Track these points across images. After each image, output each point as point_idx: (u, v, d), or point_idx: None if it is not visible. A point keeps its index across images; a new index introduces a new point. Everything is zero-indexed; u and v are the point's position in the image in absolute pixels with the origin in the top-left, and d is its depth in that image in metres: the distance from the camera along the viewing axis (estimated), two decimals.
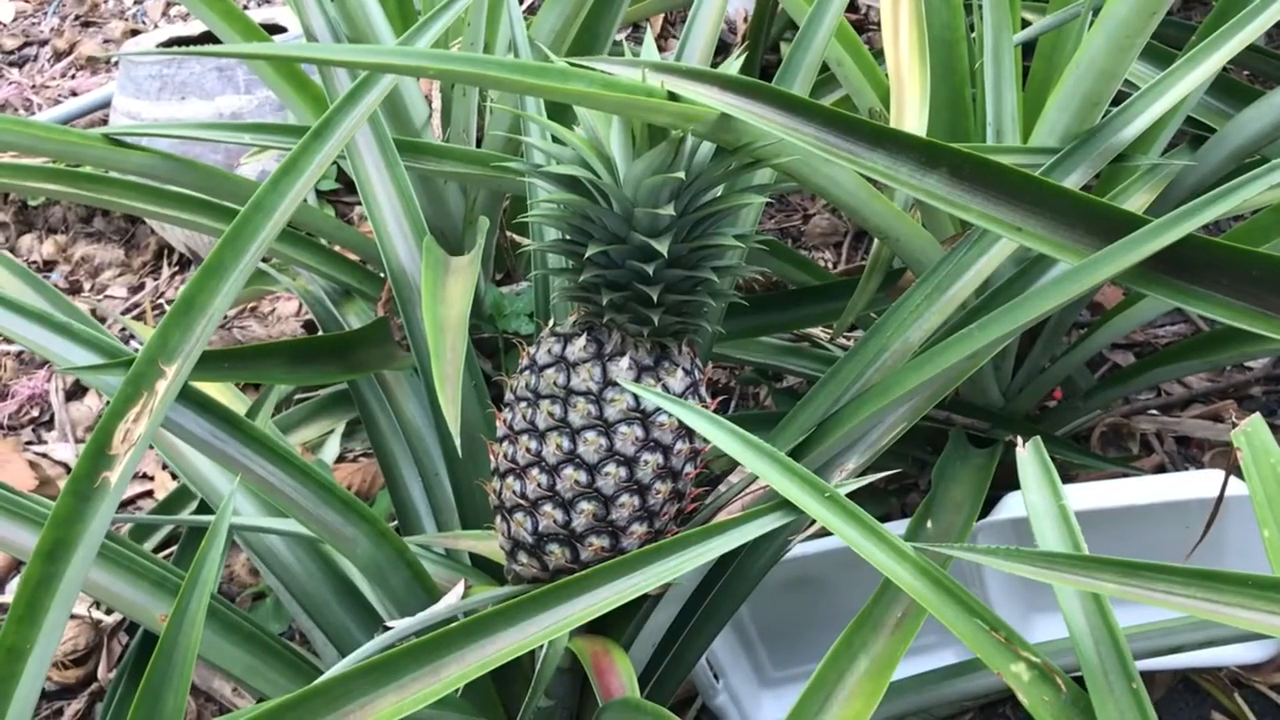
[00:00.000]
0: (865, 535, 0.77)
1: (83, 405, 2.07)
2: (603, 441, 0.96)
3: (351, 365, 1.29)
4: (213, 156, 2.12)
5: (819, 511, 0.79)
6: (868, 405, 0.95)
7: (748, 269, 1.01)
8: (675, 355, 1.00)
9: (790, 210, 2.26)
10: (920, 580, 0.76)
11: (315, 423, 1.76)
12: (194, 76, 2.14)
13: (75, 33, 3.08)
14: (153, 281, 2.33)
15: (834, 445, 0.99)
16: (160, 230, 2.37)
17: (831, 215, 2.18)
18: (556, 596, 0.79)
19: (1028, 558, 0.72)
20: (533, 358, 1.01)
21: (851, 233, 2.16)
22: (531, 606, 0.78)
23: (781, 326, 1.49)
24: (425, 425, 1.41)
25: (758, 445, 0.83)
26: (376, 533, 0.99)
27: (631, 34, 2.71)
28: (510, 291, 1.65)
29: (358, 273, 1.63)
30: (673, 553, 0.81)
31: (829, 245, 2.15)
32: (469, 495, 1.18)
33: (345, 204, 2.36)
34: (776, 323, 1.46)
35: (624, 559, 0.81)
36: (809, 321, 1.46)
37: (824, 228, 2.16)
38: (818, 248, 2.15)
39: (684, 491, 1.03)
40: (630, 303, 0.96)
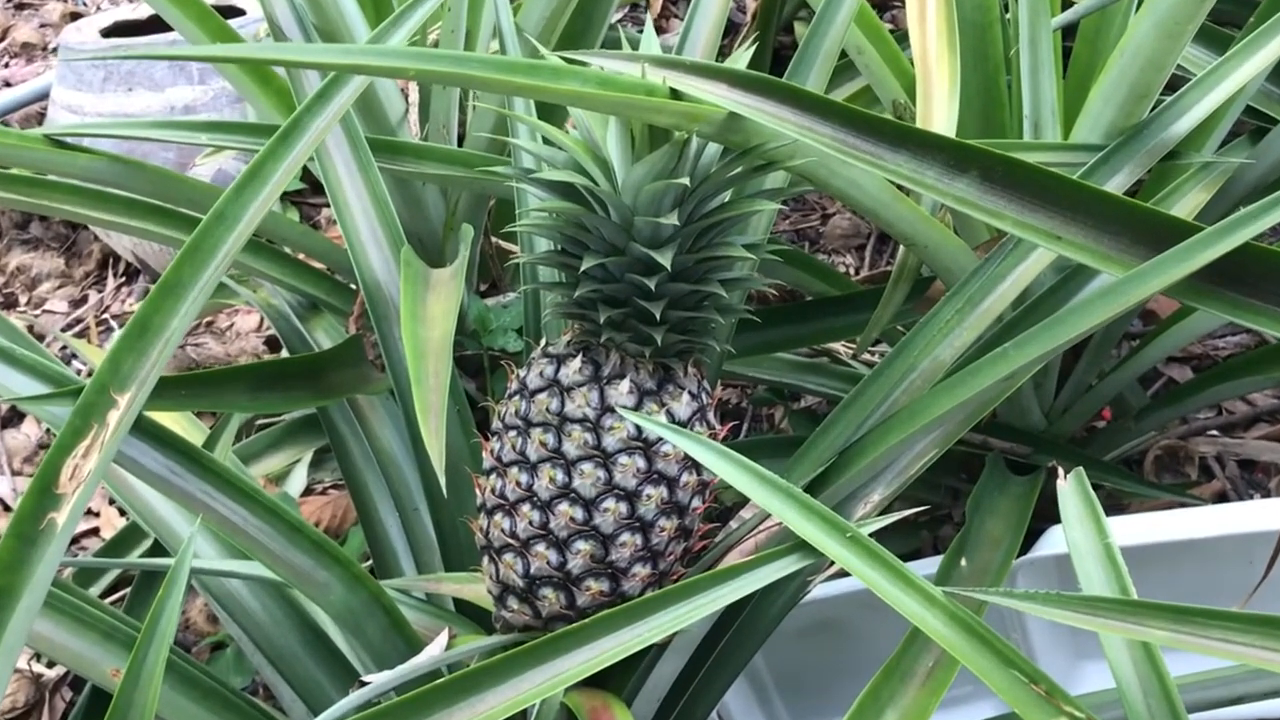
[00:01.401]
0: (891, 579, 0.79)
1: (19, 433, 2.09)
2: (601, 474, 0.98)
3: (322, 390, 1.31)
4: (163, 155, 2.15)
5: (840, 554, 0.80)
6: (894, 432, 0.96)
7: (760, 281, 1.03)
8: (680, 377, 1.02)
9: (807, 209, 2.28)
10: (951, 628, 0.77)
11: (279, 451, 1.77)
12: (142, 66, 2.16)
13: (8, 16, 3.11)
14: (96, 294, 2.35)
15: (857, 476, 1.00)
16: (105, 237, 2.39)
17: (853, 215, 2.20)
18: (552, 649, 0.80)
19: (1068, 603, 0.74)
20: (523, 381, 1.03)
21: (875, 234, 2.17)
22: (524, 660, 0.80)
23: (798, 341, 1.50)
24: (403, 454, 1.42)
25: (772, 481, 0.84)
26: (350, 576, 1.01)
27: (630, 13, 2.74)
28: (496, 303, 1.66)
29: (326, 284, 1.64)
30: (679, 600, 0.82)
31: (850, 248, 2.17)
32: (452, 533, 1.20)
33: (311, 206, 2.38)
34: (793, 337, 1.47)
35: (626, 607, 0.83)
36: (829, 336, 1.47)
37: (845, 229, 2.18)
38: (838, 251, 2.17)
39: (691, 528, 1.04)
40: (630, 320, 0.98)
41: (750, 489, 0.83)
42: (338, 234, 2.18)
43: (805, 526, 0.82)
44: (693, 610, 0.81)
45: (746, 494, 0.83)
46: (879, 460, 1.00)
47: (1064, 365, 1.43)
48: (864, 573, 0.80)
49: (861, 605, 1.26)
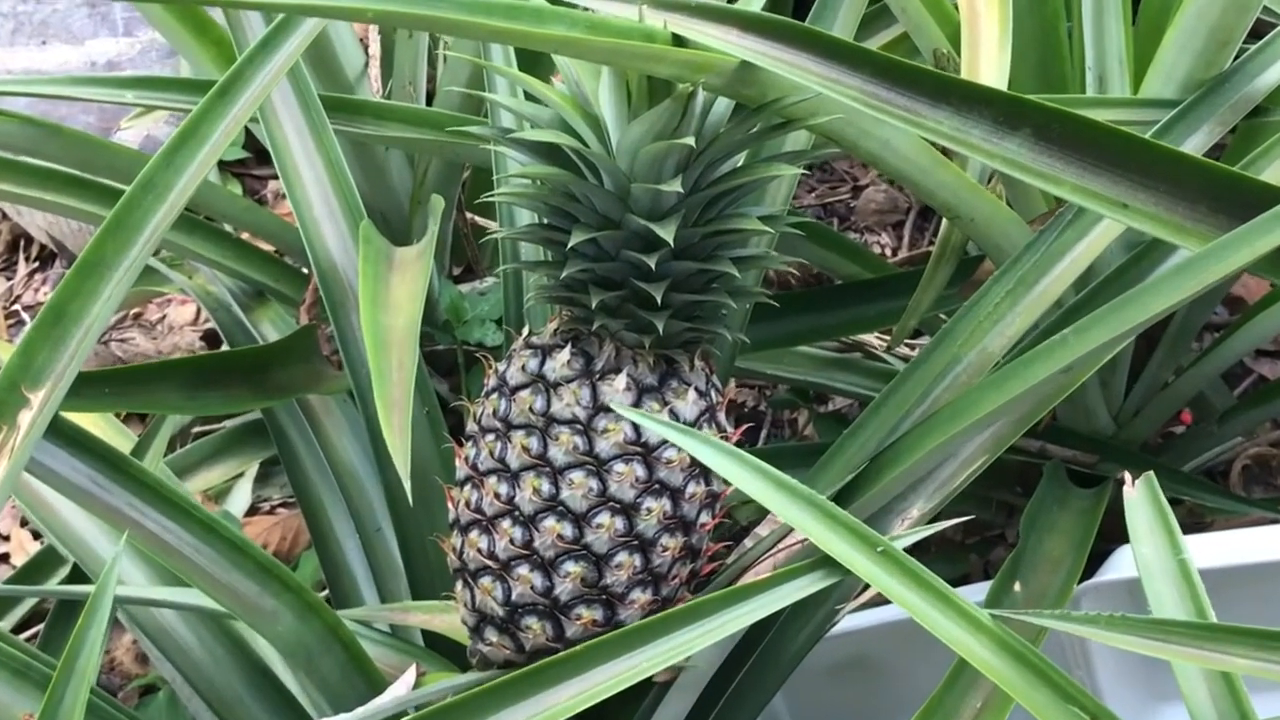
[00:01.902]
0: (930, 601, 0.79)
1: None
2: (593, 484, 0.98)
3: (268, 389, 1.32)
4: (83, 119, 2.16)
5: (870, 571, 0.81)
6: (936, 433, 0.97)
7: (779, 259, 1.03)
8: (685, 371, 1.02)
9: (835, 180, 2.29)
10: (1001, 657, 0.78)
11: (219, 464, 1.78)
12: (57, 15, 2.17)
13: None
14: (4, 281, 2.36)
15: (892, 485, 1.01)
16: (15, 215, 2.40)
17: (889, 186, 2.21)
18: (533, 682, 0.81)
19: (1135, 627, 0.74)
20: (502, 376, 1.04)
21: (916, 208, 2.18)
22: (503, 694, 0.80)
23: (825, 332, 1.51)
24: (364, 465, 1.43)
25: (791, 487, 0.85)
26: (302, 604, 1.02)
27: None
28: (472, 290, 1.68)
29: (273, 268, 1.65)
30: (685, 624, 0.83)
31: (886, 226, 2.17)
32: (421, 555, 1.20)
33: (256, 178, 2.39)
34: (818, 327, 1.48)
35: (623, 632, 0.83)
36: (860, 326, 1.48)
37: (880, 203, 2.19)
38: (872, 229, 2.17)
39: (698, 548, 1.05)
40: (627, 305, 0.98)
41: (766, 496, 0.83)
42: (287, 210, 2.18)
43: (830, 539, 0.83)
44: (699, 636, 0.81)
45: (761, 501, 0.83)
46: (917, 467, 1.00)
47: (1135, 360, 1.43)
48: (898, 593, 0.80)
49: (899, 638, 1.27)
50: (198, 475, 1.74)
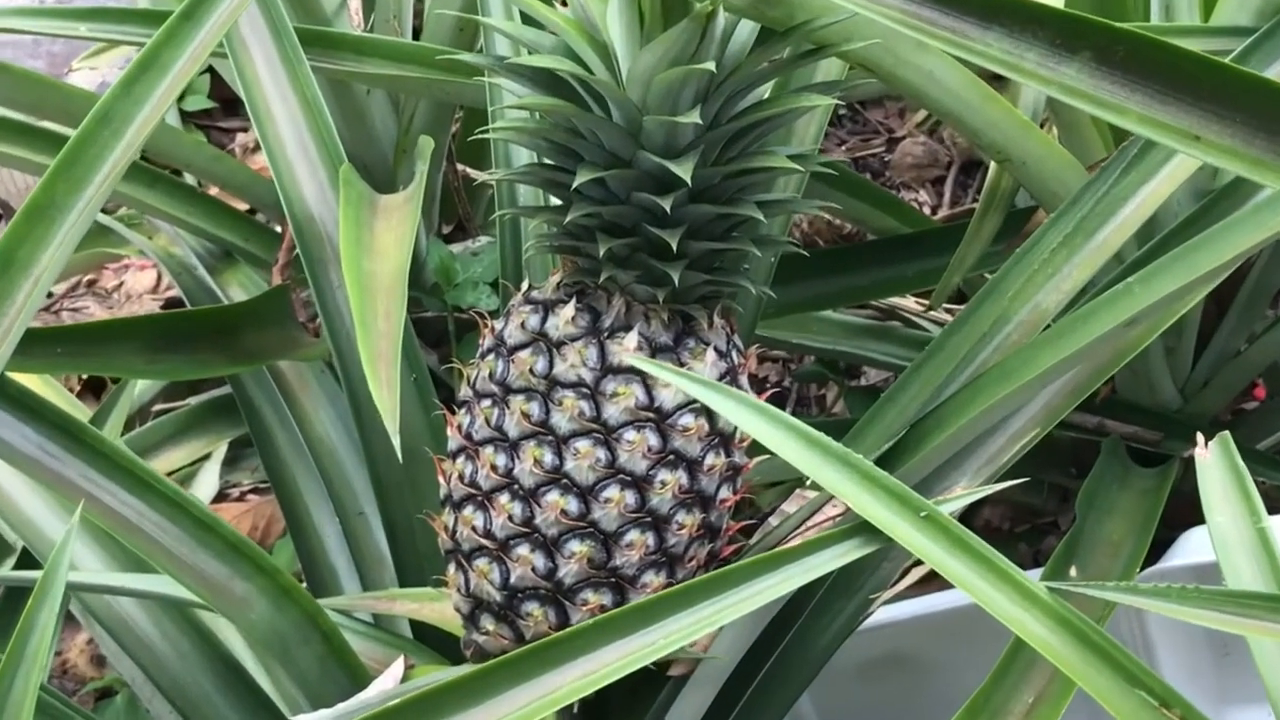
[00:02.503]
0: (979, 571, 0.79)
1: None
2: (600, 454, 0.98)
3: (238, 354, 1.32)
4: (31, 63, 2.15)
5: (912, 538, 0.81)
6: (983, 396, 0.97)
7: (808, 204, 1.03)
8: (704, 330, 1.02)
9: (868, 131, 2.28)
10: (1060, 635, 0.77)
11: (183, 443, 1.78)
12: None
13: None
14: None
15: (934, 456, 1.00)
16: None
17: (928, 139, 2.20)
18: (536, 662, 0.80)
19: (1210, 600, 0.74)
20: (499, 335, 1.03)
21: (958, 163, 2.18)
22: (499, 676, 0.80)
23: (857, 294, 1.50)
24: (344, 442, 1.43)
25: (824, 445, 0.84)
26: (277, 589, 1.02)
27: None
28: (464, 250, 1.67)
29: (244, 226, 1.65)
30: (706, 597, 0.83)
31: (924, 182, 2.17)
32: (408, 538, 1.21)
33: (223, 130, 2.39)
34: (850, 289, 1.48)
35: (635, 607, 0.83)
36: (897, 287, 1.48)
37: (918, 156, 2.18)
38: (909, 185, 2.17)
39: (718, 527, 1.05)
40: (638, 254, 0.98)
41: (797, 455, 0.83)
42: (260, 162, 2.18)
43: (868, 503, 0.83)
44: (721, 611, 0.81)
45: (792, 461, 0.83)
46: (962, 435, 1.00)
47: (1204, 325, 1.43)
48: (942, 562, 0.80)
49: (940, 632, 1.27)
50: (159, 457, 1.74)
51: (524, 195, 1.19)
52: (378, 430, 1.18)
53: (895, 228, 1.49)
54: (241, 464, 1.90)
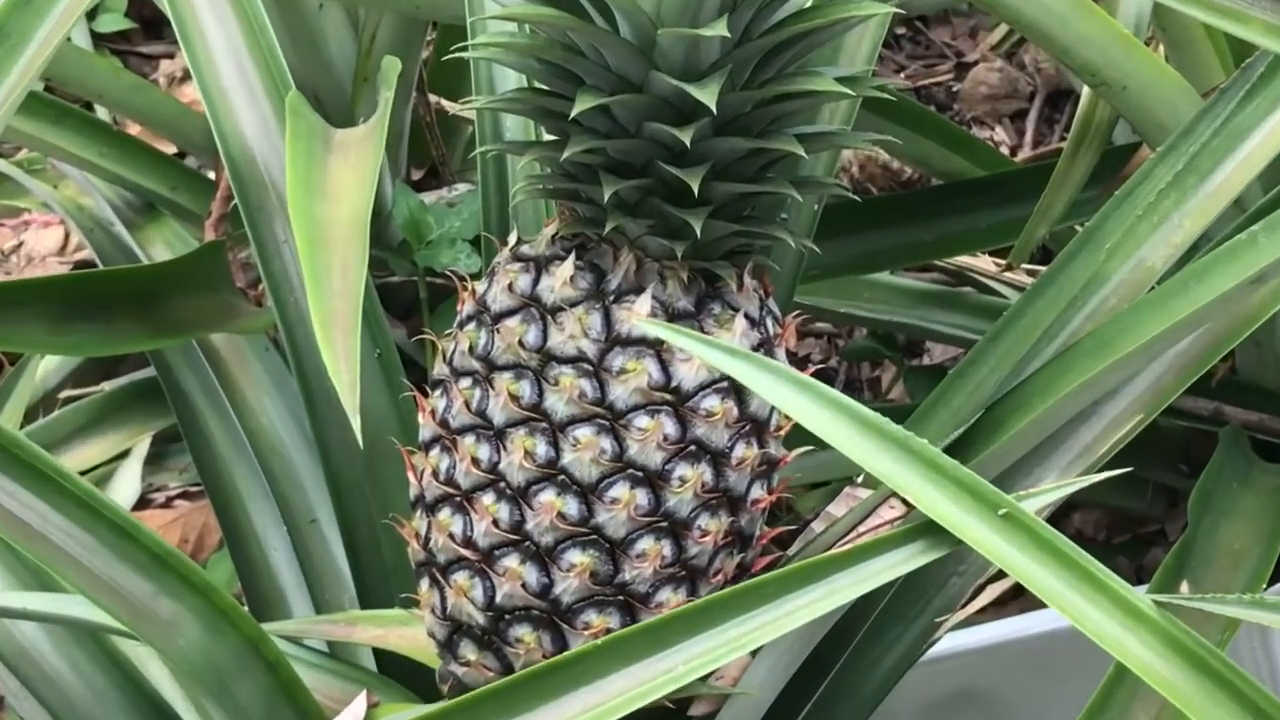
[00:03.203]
0: (1072, 581, 0.79)
1: None
2: (605, 444, 0.98)
3: (163, 324, 1.32)
4: None
5: (988, 541, 0.80)
6: (1075, 371, 0.96)
7: (860, 139, 1.02)
8: (732, 293, 1.01)
9: (932, 55, 2.28)
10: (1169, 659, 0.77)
11: (96, 438, 1.79)
12: None
13: None
14: None
15: (1011, 448, 1.00)
16: None
17: (1006, 63, 2.20)
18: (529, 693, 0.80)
19: None
20: (482, 300, 1.03)
21: (1042, 94, 2.17)
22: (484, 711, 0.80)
23: (919, 252, 1.50)
24: (293, 435, 1.43)
25: (880, 427, 0.84)
26: (212, 610, 1.01)
27: None
28: (438, 201, 1.67)
29: (170, 171, 1.65)
30: (733, 614, 0.83)
31: (1002, 116, 2.17)
32: (371, 549, 1.21)
33: (144, 56, 2.39)
34: (910, 245, 1.48)
35: (649, 625, 0.83)
36: (968, 242, 1.48)
37: (993, 85, 2.18)
38: (982, 121, 2.16)
39: (749, 534, 1.04)
40: (651, 199, 0.98)
41: (847, 440, 0.83)
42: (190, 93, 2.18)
43: (936, 499, 0.82)
44: (753, 632, 0.81)
45: (840, 446, 0.83)
46: (1046, 421, 0.99)
47: None
48: (1025, 569, 0.80)
49: (1020, 663, 1.27)
50: (67, 454, 1.75)
51: (511, 128, 1.19)
52: (334, 418, 1.19)
53: (966, 170, 1.48)
54: (167, 463, 1.90)
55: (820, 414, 0.85)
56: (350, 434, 0.98)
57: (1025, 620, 1.32)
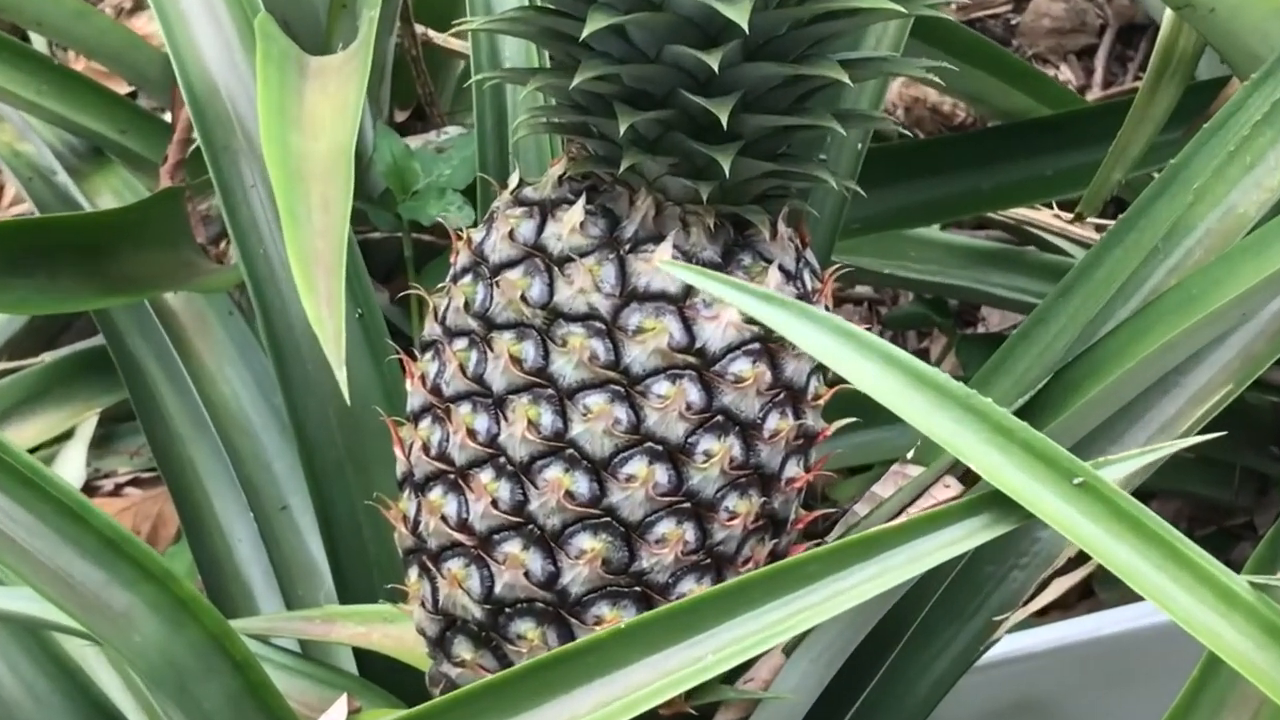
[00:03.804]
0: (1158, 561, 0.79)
1: None
2: (620, 414, 0.98)
3: (112, 281, 1.32)
4: None
5: (1062, 514, 0.80)
6: (1152, 334, 0.96)
7: (911, 65, 1.02)
8: (764, 242, 1.02)
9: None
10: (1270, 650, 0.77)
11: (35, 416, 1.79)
12: None
13: None
14: None
15: (1086, 416, 1.00)
16: None
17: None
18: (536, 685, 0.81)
19: None
20: (479, 250, 1.03)
21: (1114, 27, 2.17)
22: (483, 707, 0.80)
23: (974, 204, 1.50)
24: (260, 409, 1.44)
25: (939, 384, 0.84)
26: (172, 601, 1.01)
27: None
28: (425, 146, 1.67)
29: (120, 112, 1.65)
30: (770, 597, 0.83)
31: (1067, 53, 2.16)
32: (351, 535, 1.21)
33: None
34: (964, 196, 1.47)
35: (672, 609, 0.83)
36: (1031, 191, 1.47)
37: (1058, 18, 2.17)
38: (1045, 58, 2.16)
39: (783, 517, 1.05)
40: (674, 134, 0.97)
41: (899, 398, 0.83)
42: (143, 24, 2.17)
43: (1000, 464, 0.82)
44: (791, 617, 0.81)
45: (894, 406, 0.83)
46: (1123, 388, 0.99)
47: None
48: (1103, 546, 0.80)
49: (1090, 668, 1.27)
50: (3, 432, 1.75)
51: (511, 55, 1.19)
52: (309, 388, 1.19)
53: (1029, 109, 1.48)
54: (117, 444, 1.90)
55: (869, 368, 0.85)
56: (327, 407, 0.99)
57: (1094, 621, 1.32)
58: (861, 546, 0.85)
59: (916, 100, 1.95)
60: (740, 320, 0.97)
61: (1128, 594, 1.15)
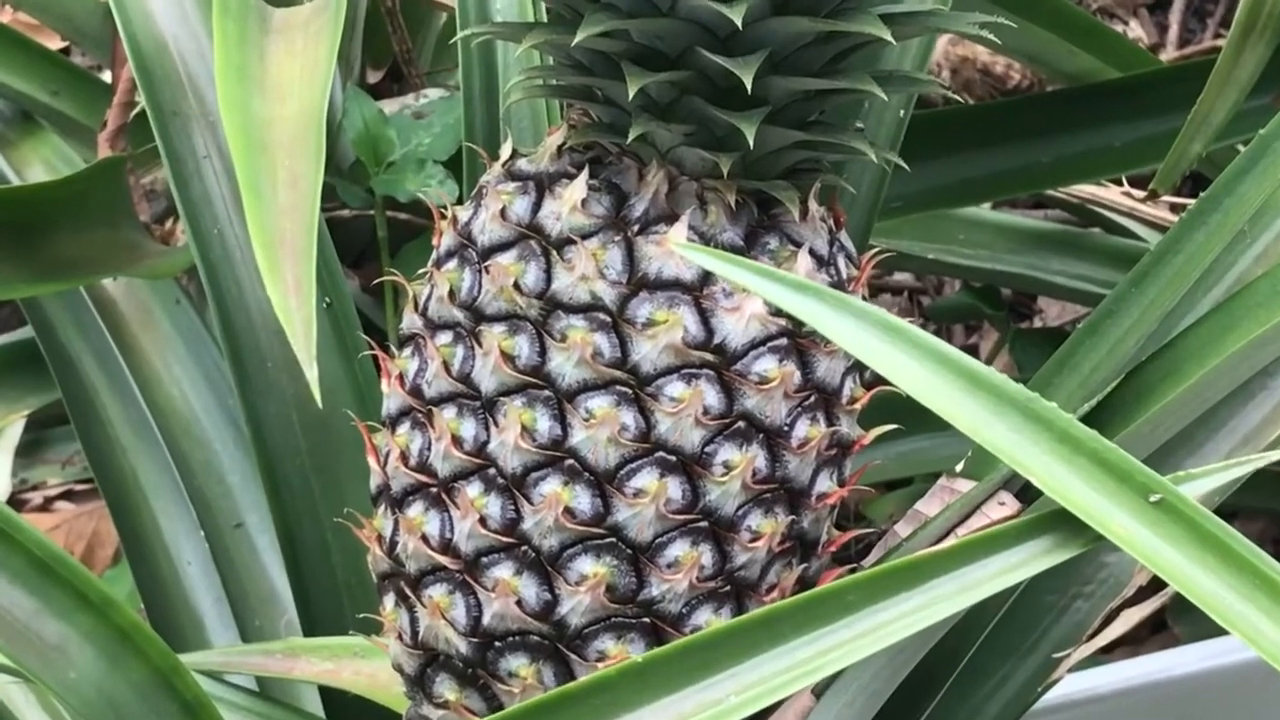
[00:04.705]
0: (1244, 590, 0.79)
1: None
2: (627, 419, 0.98)
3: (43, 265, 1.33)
4: None
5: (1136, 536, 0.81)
6: (1238, 331, 0.96)
7: (961, 21, 1.02)
8: (792, 224, 1.02)
9: None
10: None
11: None
12: None
13: None
14: None
15: (1161, 424, 1.00)
16: None
17: None
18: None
19: None
20: (466, 231, 1.03)
21: None
22: None
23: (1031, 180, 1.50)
24: (212, 411, 1.44)
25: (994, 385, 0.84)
26: (112, 631, 1.02)
27: None
28: (402, 111, 1.67)
29: (53, 70, 1.65)
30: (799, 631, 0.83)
31: (1137, 7, 2.16)
32: (318, 558, 1.21)
33: None
34: (1019, 171, 1.48)
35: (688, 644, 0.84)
36: (1098, 165, 1.47)
37: None
38: (1111, 12, 2.16)
39: (814, 538, 1.05)
40: (690, 99, 0.98)
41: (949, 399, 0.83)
42: None
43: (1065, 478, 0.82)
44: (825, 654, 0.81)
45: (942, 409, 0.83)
46: (1203, 392, 0.99)
47: None
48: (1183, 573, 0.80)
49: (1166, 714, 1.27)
50: None
51: (502, 8, 1.19)
52: (269, 387, 1.19)
53: (1095, 72, 1.48)
54: (47, 452, 1.91)
55: (916, 369, 0.85)
56: (291, 411, 0.98)
57: (1170, 658, 1.32)
58: (905, 573, 0.85)
59: (965, 60, 1.95)
60: (765, 312, 0.97)
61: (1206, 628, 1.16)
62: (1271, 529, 1.73)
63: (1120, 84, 1.47)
